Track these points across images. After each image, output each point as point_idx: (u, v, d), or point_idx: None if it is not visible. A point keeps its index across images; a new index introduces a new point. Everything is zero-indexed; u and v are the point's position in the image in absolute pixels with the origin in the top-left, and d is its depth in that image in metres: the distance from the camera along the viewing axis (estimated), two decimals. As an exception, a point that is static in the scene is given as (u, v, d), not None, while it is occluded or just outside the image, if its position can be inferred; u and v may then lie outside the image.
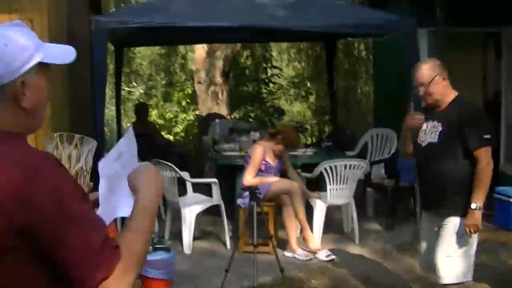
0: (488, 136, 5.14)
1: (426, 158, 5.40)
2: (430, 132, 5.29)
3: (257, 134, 10.20)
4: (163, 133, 16.97)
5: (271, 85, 19.85)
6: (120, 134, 12.66)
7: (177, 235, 8.65)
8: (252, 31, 10.60)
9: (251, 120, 18.01)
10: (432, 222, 5.50)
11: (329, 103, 15.02)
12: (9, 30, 2.06)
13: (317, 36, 13.04)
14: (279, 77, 20.60)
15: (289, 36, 13.78)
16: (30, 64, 2.04)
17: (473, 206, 5.06)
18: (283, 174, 8.79)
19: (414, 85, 5.32)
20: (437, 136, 5.20)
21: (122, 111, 14.90)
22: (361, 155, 11.15)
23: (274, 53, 22.07)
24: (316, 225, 8.61)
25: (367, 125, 15.13)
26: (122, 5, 22.02)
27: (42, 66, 2.09)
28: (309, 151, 10.79)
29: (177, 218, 8.83)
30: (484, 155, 5.08)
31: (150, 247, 6.55)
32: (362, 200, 10.12)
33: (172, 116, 20.15)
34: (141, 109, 13.01)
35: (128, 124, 15.58)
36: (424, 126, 5.35)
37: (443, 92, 5.24)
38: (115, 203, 2.27)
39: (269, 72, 20.28)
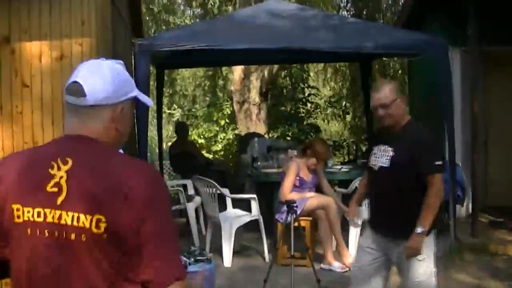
0: (440, 163, 5.05)
1: (378, 182, 5.27)
2: (381, 156, 5.15)
3: (294, 152, 10.45)
4: (203, 151, 17.30)
5: (308, 104, 20.03)
6: (161, 155, 12.99)
7: (217, 249, 8.92)
8: (289, 53, 10.85)
9: (288, 138, 18.20)
10: (379, 243, 5.30)
11: (365, 122, 15.18)
12: (120, 66, 2.55)
13: (353, 57, 13.22)
14: (316, 97, 20.79)
15: (325, 57, 13.99)
16: (131, 95, 2.53)
17: (418, 230, 4.94)
18: (318, 189, 8.99)
19: (372, 105, 5.14)
20: (388, 160, 5.06)
21: (163, 133, 15.16)
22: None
23: (311, 73, 22.30)
24: (351, 239, 8.82)
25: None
26: (163, 27, 22.43)
27: (134, 102, 2.58)
28: (345, 168, 11.03)
29: (217, 232, 9.13)
30: (435, 181, 4.97)
31: (192, 259, 6.88)
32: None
33: (211, 135, 20.46)
34: (181, 129, 13.29)
35: (169, 144, 15.89)
36: (375, 149, 5.24)
37: (402, 115, 5.13)
38: None
39: (306, 91, 20.49)
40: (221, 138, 20.34)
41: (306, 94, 20.31)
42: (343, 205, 8.75)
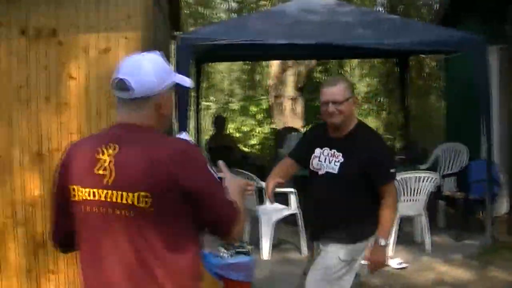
0: (393, 170, 4.88)
1: (323, 188, 4.94)
2: (328, 160, 4.88)
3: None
4: (239, 145, 17.40)
5: (343, 99, 20.01)
6: (199, 147, 13.08)
7: (255, 243, 8.97)
8: (326, 48, 10.90)
9: (324, 133, 18.18)
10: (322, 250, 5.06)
11: (401, 118, 15.19)
12: (159, 57, 2.93)
13: (390, 53, 13.25)
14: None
15: (362, 53, 14.03)
16: (171, 82, 2.92)
17: (382, 242, 4.81)
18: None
19: (323, 100, 4.86)
20: (337, 166, 4.79)
21: (200, 125, 15.28)
22: (433, 168, 11.29)
23: (347, 69, 22.31)
24: (389, 234, 8.87)
25: (438, 140, 15.25)
26: (199, 21, 22.55)
27: (173, 86, 2.96)
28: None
29: (255, 226, 9.24)
30: (391, 190, 4.84)
31: (232, 251, 6.98)
32: (433, 212, 10.24)
33: (248, 129, 20.55)
34: (219, 122, 13.41)
35: (206, 138, 16.00)
36: (318, 152, 4.98)
37: (351, 115, 4.90)
38: None
39: (342, 87, 20.46)
40: (257, 132, 20.43)
41: (342, 90, 20.27)
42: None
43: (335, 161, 4.82)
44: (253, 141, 20.37)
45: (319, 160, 4.95)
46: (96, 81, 6.85)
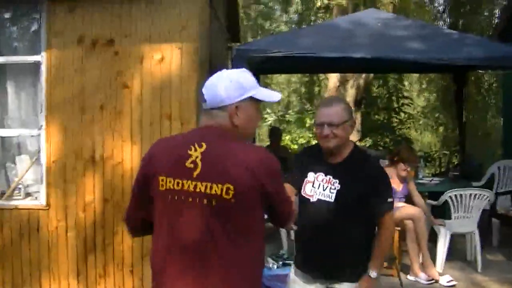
0: (391, 200, 4.43)
1: (316, 216, 4.41)
2: (322, 187, 4.41)
3: (386, 162, 10.44)
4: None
5: (401, 114, 19.93)
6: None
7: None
8: (385, 62, 10.86)
9: (380, 148, 18.15)
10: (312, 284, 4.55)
11: (458, 134, 15.04)
12: (233, 73, 3.29)
13: (448, 68, 13.12)
14: (410, 107, 20.66)
15: (420, 67, 13.93)
16: (243, 97, 3.20)
17: (373, 274, 4.34)
18: (408, 199, 8.93)
19: (318, 121, 4.40)
20: (333, 194, 4.34)
21: (257, 136, 15.30)
22: (488, 186, 11.04)
23: (406, 83, 22.21)
24: (439, 251, 8.74)
25: (494, 157, 15.04)
26: (259, 32, 22.69)
27: (254, 100, 3.26)
28: (436, 180, 10.95)
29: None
30: (389, 221, 4.43)
31: (280, 262, 7.04)
32: (487, 230, 10.07)
33: (304, 141, 20.56)
34: (275, 134, 13.43)
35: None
36: (312, 177, 4.48)
37: (347, 139, 4.47)
38: None
39: (400, 101, 20.37)
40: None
41: (400, 104, 20.20)
42: (433, 216, 8.77)
43: (330, 188, 4.37)
44: (309, 154, 20.34)
45: (312, 186, 4.46)
46: (150, 91, 6.98)
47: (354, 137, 18.29)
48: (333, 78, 19.33)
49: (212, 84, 3.24)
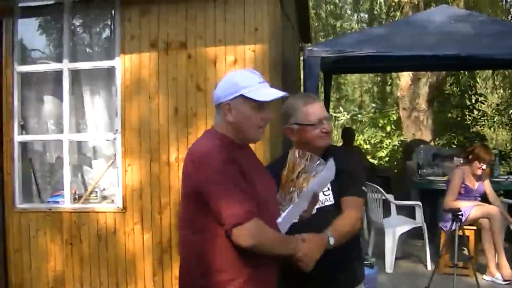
0: (365, 188, 4.03)
1: (314, 226, 3.62)
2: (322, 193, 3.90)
3: (460, 160, 10.31)
4: (368, 157, 17.32)
5: (475, 111, 19.63)
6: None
7: (379, 254, 8.94)
8: (458, 59, 10.71)
9: (454, 146, 17.93)
10: None
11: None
12: (235, 72, 3.49)
13: (523, 64, 12.88)
14: (483, 104, 20.31)
15: (494, 64, 13.69)
16: (235, 95, 3.29)
17: (332, 241, 3.55)
18: (484, 198, 8.83)
19: (316, 118, 3.90)
20: (330, 195, 3.93)
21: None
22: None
23: (479, 80, 21.82)
24: (517, 250, 8.66)
25: None
26: (330, 32, 22.64)
27: (247, 99, 3.29)
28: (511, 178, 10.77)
29: (380, 238, 9.18)
30: (358, 204, 3.92)
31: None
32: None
33: (377, 141, 20.45)
34: (347, 135, 13.39)
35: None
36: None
37: None
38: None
39: (473, 98, 20.05)
40: (386, 144, 20.29)
41: (473, 101, 19.88)
42: (509, 215, 8.63)
43: (324, 191, 3.89)
44: (382, 153, 20.23)
45: None
46: (223, 93, 7.00)
47: (427, 136, 18.10)
48: (405, 77, 19.13)
49: (217, 85, 3.43)
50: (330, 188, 3.88)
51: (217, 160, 3.18)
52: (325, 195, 3.88)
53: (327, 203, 3.89)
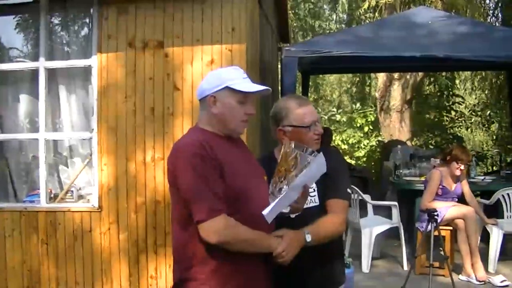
0: (349, 191, 4.07)
1: (300, 225, 3.58)
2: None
3: (437, 161, 10.34)
4: (345, 157, 17.34)
5: (452, 112, 19.73)
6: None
7: (356, 254, 8.95)
8: (435, 61, 10.77)
9: (431, 147, 18.01)
10: None
11: (511, 132, 14.82)
12: (220, 68, 3.71)
13: (500, 65, 12.94)
14: (461, 105, 20.45)
15: (472, 65, 13.77)
16: (220, 87, 3.38)
17: (308, 238, 3.47)
18: (461, 199, 8.82)
19: (308, 120, 3.85)
20: (316, 196, 3.86)
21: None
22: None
23: (457, 81, 21.97)
24: (492, 250, 8.68)
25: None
26: (309, 32, 22.68)
27: (233, 91, 3.38)
28: (488, 179, 10.82)
29: (357, 238, 9.19)
30: (343, 207, 3.87)
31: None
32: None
33: (355, 141, 20.49)
34: (325, 134, 13.38)
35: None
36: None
37: None
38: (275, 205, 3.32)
39: (451, 100, 20.16)
40: (364, 145, 20.35)
41: (451, 103, 19.99)
42: (485, 215, 8.69)
43: (311, 189, 3.78)
44: (359, 154, 20.29)
45: None
46: (200, 92, 6.98)
47: (405, 136, 18.18)
48: (382, 77, 19.22)
49: (202, 81, 3.53)
50: (315, 189, 3.82)
51: (186, 154, 3.25)
52: (310, 196, 3.77)
53: (312, 204, 3.81)
